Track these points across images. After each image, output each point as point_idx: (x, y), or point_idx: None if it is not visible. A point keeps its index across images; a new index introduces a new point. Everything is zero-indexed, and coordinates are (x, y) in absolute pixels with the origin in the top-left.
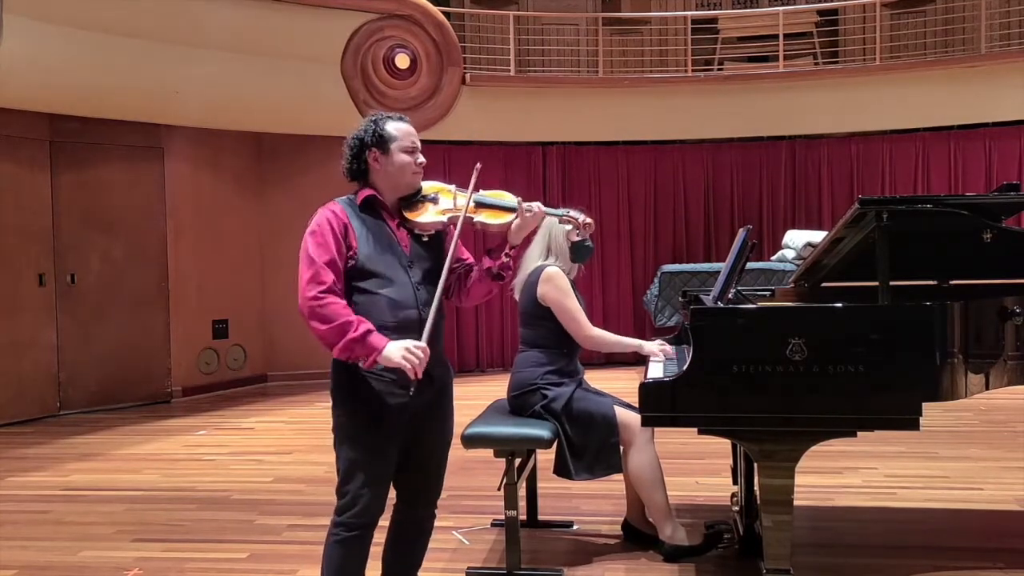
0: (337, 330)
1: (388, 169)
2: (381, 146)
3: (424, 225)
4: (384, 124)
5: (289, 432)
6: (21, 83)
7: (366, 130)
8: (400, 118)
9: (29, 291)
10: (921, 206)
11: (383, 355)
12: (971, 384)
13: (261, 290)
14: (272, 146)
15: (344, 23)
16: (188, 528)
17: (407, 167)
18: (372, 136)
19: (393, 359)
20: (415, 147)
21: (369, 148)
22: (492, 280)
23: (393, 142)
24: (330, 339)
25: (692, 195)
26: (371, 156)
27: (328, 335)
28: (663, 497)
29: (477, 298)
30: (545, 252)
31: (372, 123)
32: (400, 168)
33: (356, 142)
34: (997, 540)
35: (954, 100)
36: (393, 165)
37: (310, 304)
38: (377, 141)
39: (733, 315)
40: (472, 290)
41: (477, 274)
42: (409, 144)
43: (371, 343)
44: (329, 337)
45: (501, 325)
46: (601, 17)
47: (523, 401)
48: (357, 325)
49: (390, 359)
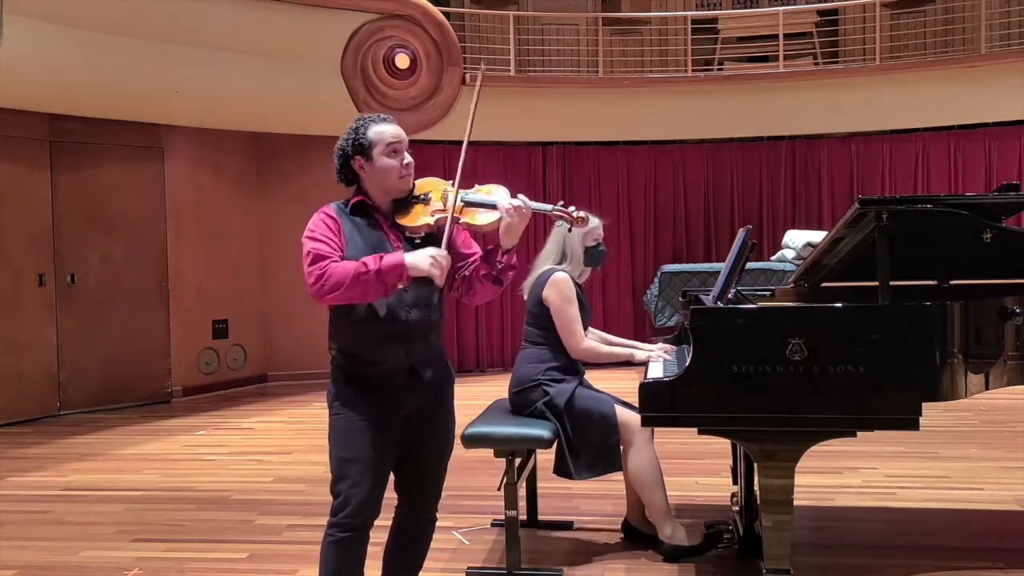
0: (356, 281)
1: (375, 175)
2: (363, 153)
3: (413, 228)
4: (365, 130)
5: (289, 432)
6: (21, 83)
7: (347, 139)
8: (383, 119)
9: (29, 291)
10: (921, 206)
11: (410, 267)
12: (971, 384)
13: (261, 290)
14: (272, 146)
15: (344, 23)
16: (188, 528)
17: (392, 171)
18: (353, 145)
19: (421, 267)
20: (399, 149)
21: (352, 157)
22: (492, 284)
23: (375, 147)
24: (360, 292)
25: (692, 195)
26: (356, 164)
27: (354, 292)
28: (663, 497)
29: (483, 298)
30: (559, 256)
31: (353, 131)
32: (386, 173)
33: (340, 152)
34: (997, 540)
35: (954, 100)
36: (378, 170)
37: (316, 287)
38: (358, 149)
39: (733, 315)
40: (477, 291)
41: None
42: (392, 147)
43: (391, 265)
44: (358, 292)
45: (501, 325)
46: (601, 17)
47: (524, 398)
48: (366, 262)
49: (418, 267)
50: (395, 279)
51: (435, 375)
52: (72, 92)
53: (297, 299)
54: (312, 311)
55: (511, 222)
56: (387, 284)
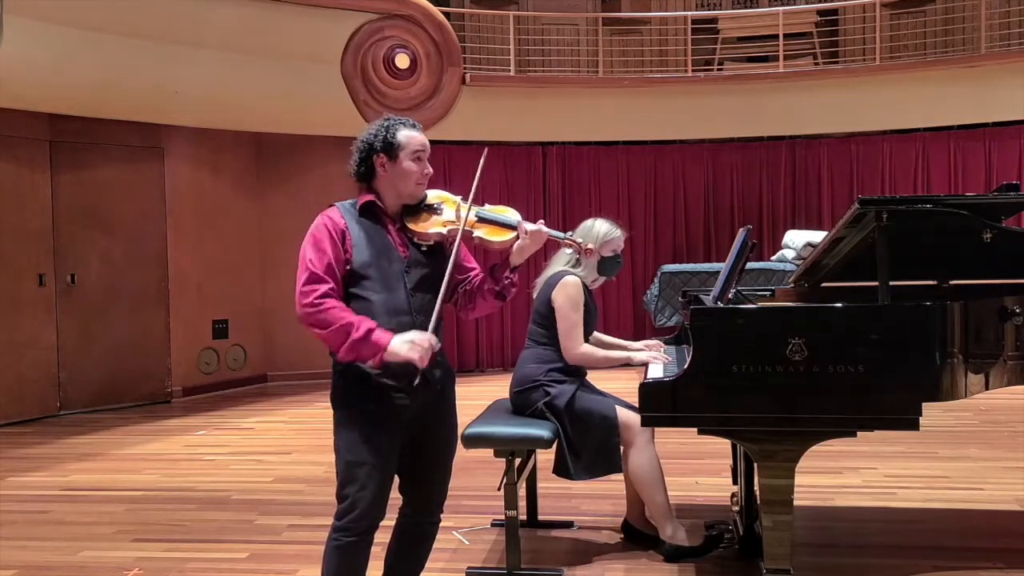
0: (339, 332)
1: (393, 176)
2: (389, 152)
3: (423, 235)
4: (396, 130)
5: (289, 432)
6: (21, 83)
7: (376, 134)
8: (413, 125)
9: (29, 291)
10: (921, 206)
11: (389, 351)
12: (971, 384)
13: (261, 290)
14: (272, 146)
15: (344, 23)
16: (188, 528)
17: (412, 176)
18: (382, 141)
19: (400, 353)
20: (423, 157)
21: (377, 153)
22: (495, 299)
23: (402, 150)
24: (334, 343)
25: (692, 195)
26: (378, 161)
27: (331, 339)
28: (663, 497)
29: (482, 312)
30: (574, 259)
31: (383, 128)
32: (405, 176)
33: (365, 145)
34: (997, 540)
35: (954, 100)
36: (399, 173)
37: (306, 311)
38: (386, 147)
39: (733, 315)
40: (478, 305)
41: (481, 292)
42: (417, 154)
43: (375, 341)
44: (332, 341)
45: (501, 325)
46: (601, 17)
47: (526, 397)
48: (359, 325)
49: (397, 354)
50: (368, 354)
51: (437, 377)
52: (72, 92)
53: None
54: None
55: (525, 244)
56: (360, 353)
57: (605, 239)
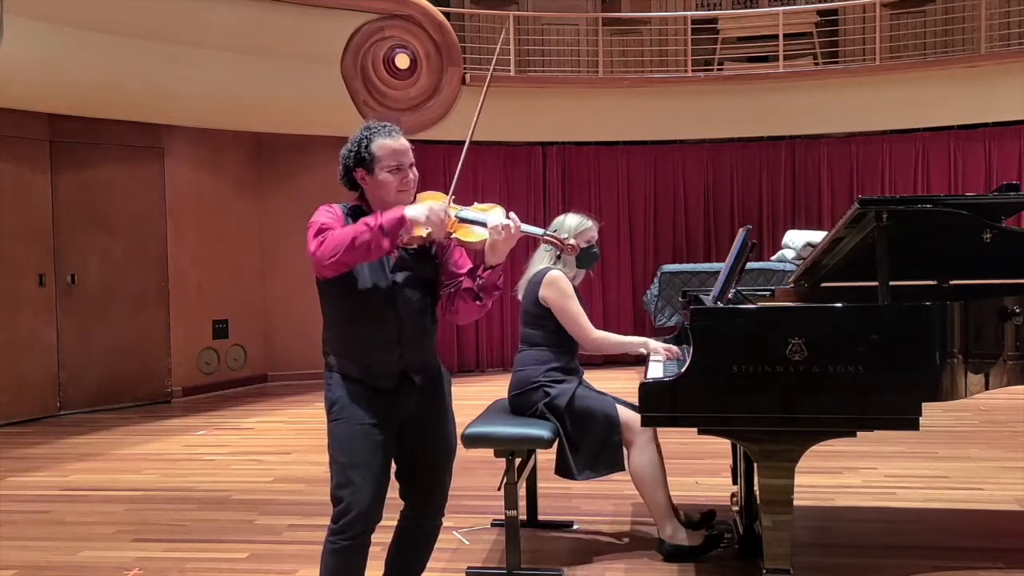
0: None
1: (374, 187)
2: (365, 166)
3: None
4: (371, 142)
5: (289, 432)
6: (21, 83)
7: (351, 150)
8: (389, 132)
9: (29, 291)
10: (921, 206)
11: (409, 218)
12: (971, 384)
13: (261, 290)
14: (272, 146)
15: (344, 23)
16: (188, 528)
17: (391, 186)
18: (354, 157)
19: (419, 218)
20: (401, 165)
21: (354, 169)
22: (474, 301)
23: (377, 163)
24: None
25: (692, 195)
26: (358, 175)
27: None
28: (664, 497)
29: (466, 317)
30: (553, 256)
31: (357, 142)
32: (384, 187)
33: (344, 159)
34: (996, 540)
35: (954, 100)
36: (378, 184)
37: (319, 253)
38: (359, 161)
39: (733, 315)
40: (459, 308)
41: (460, 293)
42: (393, 163)
43: (392, 221)
44: (361, 251)
45: (501, 325)
46: (601, 17)
47: (525, 399)
48: (367, 222)
49: (417, 219)
50: (395, 234)
51: (430, 379)
52: (72, 92)
53: (297, 299)
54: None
55: (496, 240)
56: (390, 239)
57: (578, 231)
